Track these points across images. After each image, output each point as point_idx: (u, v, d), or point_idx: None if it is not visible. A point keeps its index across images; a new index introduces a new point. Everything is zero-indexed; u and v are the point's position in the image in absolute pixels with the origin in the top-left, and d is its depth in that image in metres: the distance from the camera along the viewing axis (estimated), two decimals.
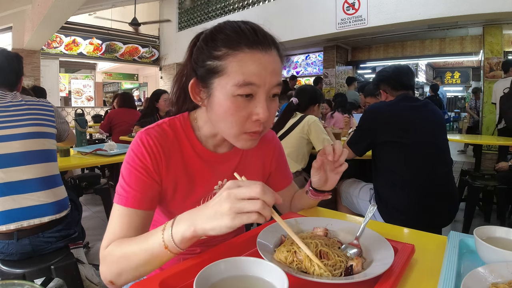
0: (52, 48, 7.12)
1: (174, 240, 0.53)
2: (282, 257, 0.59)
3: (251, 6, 6.14)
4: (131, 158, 0.67)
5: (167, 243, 0.54)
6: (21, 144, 1.24)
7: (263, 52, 0.61)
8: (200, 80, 0.66)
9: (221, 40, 0.62)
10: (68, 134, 1.60)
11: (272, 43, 0.64)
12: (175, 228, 0.54)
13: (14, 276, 1.20)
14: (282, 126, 2.15)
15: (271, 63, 0.62)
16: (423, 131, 1.57)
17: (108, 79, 11.80)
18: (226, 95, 0.61)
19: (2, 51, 1.43)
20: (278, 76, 0.64)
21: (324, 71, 7.66)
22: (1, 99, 1.30)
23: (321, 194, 0.83)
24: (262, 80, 0.61)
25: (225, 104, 0.62)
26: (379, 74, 1.84)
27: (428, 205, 1.53)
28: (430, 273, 0.60)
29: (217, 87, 0.62)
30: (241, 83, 0.60)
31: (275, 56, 0.64)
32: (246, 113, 0.62)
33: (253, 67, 0.60)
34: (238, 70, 0.60)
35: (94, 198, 3.33)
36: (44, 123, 1.34)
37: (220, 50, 0.61)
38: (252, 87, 0.60)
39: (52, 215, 1.28)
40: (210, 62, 0.63)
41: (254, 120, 0.63)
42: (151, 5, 8.65)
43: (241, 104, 0.61)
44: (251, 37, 0.61)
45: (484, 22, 5.22)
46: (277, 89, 0.64)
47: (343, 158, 0.73)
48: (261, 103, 0.62)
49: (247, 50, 0.60)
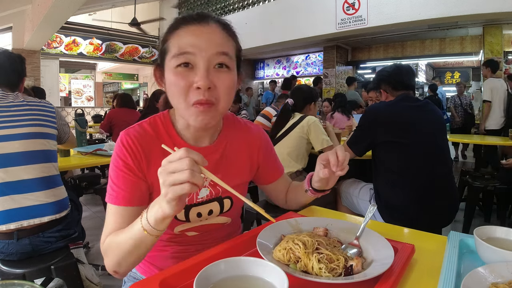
0: (52, 48, 7.12)
1: (150, 223, 0.57)
2: (280, 255, 0.59)
3: (251, 6, 6.14)
4: (115, 159, 0.72)
5: (145, 227, 0.58)
6: (22, 144, 1.24)
7: (198, 25, 0.66)
8: (159, 65, 0.72)
9: (168, 28, 0.70)
10: (68, 137, 1.60)
11: (210, 18, 0.69)
12: (149, 213, 0.58)
13: (14, 276, 1.20)
14: (282, 127, 2.16)
15: (207, 33, 0.66)
16: (423, 131, 1.56)
17: (108, 79, 11.81)
18: (169, 69, 0.66)
19: (4, 52, 1.43)
20: (219, 45, 0.66)
21: (324, 71, 7.66)
22: (3, 99, 1.31)
23: (321, 193, 0.83)
24: (197, 48, 0.64)
25: (169, 77, 0.66)
26: (380, 74, 1.84)
27: (428, 205, 1.53)
28: (430, 273, 0.60)
29: (166, 66, 0.68)
30: (177, 53, 0.64)
31: (214, 27, 0.67)
32: (187, 82, 0.64)
33: (187, 38, 0.65)
34: (175, 44, 0.66)
35: (94, 198, 3.33)
36: (45, 123, 1.35)
37: (166, 35, 0.69)
38: (187, 56, 0.64)
39: (52, 215, 1.28)
40: (161, 47, 0.70)
41: (195, 89, 0.64)
42: (151, 5, 8.65)
43: (181, 74, 0.65)
44: (187, 17, 0.68)
45: (484, 22, 5.23)
46: (222, 58, 0.66)
47: (346, 162, 0.72)
48: (199, 70, 0.64)
49: (183, 27, 0.67)
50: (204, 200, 0.78)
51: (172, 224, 0.76)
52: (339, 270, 0.56)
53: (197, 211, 0.77)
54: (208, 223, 0.81)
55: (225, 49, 0.67)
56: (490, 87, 4.10)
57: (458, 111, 5.41)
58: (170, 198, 0.52)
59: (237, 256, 0.54)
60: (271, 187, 0.95)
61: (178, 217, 0.76)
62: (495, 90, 4.11)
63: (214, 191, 0.78)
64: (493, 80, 4.15)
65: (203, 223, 0.80)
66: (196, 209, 0.77)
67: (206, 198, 0.78)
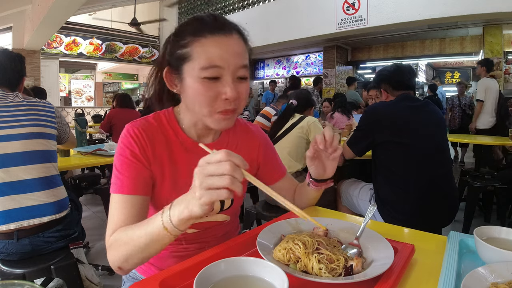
0: (52, 48, 7.12)
1: (173, 222, 0.55)
2: (280, 255, 0.59)
3: (251, 6, 6.14)
4: (121, 149, 0.72)
5: (166, 225, 0.56)
6: (22, 144, 1.25)
7: (224, 36, 0.66)
8: (173, 68, 0.71)
9: (186, 30, 0.69)
10: (68, 137, 1.61)
11: (233, 27, 0.69)
12: (172, 211, 0.56)
13: (14, 276, 1.20)
14: (281, 127, 2.17)
15: (232, 46, 0.67)
16: (423, 131, 1.56)
17: (108, 79, 11.80)
18: (195, 78, 0.66)
19: (4, 51, 1.43)
20: (242, 58, 0.68)
21: (324, 71, 7.67)
22: (2, 99, 1.31)
23: (323, 183, 0.82)
24: (225, 62, 0.65)
25: (195, 86, 0.66)
26: (380, 73, 1.84)
27: (428, 205, 1.52)
28: (430, 273, 0.60)
29: (187, 72, 0.68)
30: (206, 66, 0.65)
31: (237, 39, 0.69)
32: (214, 92, 0.66)
33: (215, 50, 0.65)
34: (202, 54, 0.65)
35: (94, 198, 3.33)
36: (44, 123, 1.35)
37: (186, 39, 0.67)
38: (217, 70, 0.65)
39: (52, 215, 1.28)
40: (179, 51, 0.68)
41: (223, 99, 0.67)
42: (151, 5, 8.65)
43: (209, 85, 0.66)
44: (211, 24, 0.67)
45: (484, 22, 5.23)
46: (243, 71, 0.68)
47: (336, 142, 0.73)
48: (227, 82, 0.66)
49: (209, 36, 0.66)
50: None
51: None
52: (339, 270, 0.56)
53: None
54: (208, 220, 0.81)
55: (246, 61, 0.70)
56: (484, 87, 4.12)
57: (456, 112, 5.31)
58: (204, 202, 0.50)
59: (237, 256, 0.54)
60: (274, 188, 0.95)
61: None
62: (488, 90, 4.13)
63: None
64: (488, 80, 4.17)
65: (203, 220, 0.80)
66: None
67: None
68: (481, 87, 4.12)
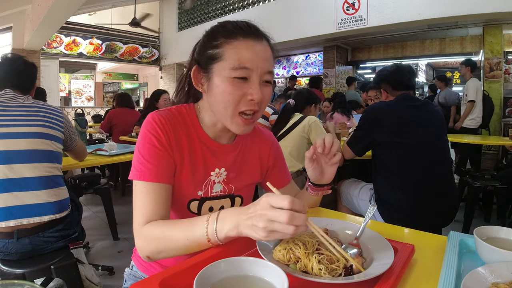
0: (52, 48, 7.12)
1: (218, 236, 0.58)
2: (280, 255, 0.59)
3: (251, 6, 6.14)
4: (145, 136, 0.73)
5: (210, 237, 0.59)
6: (27, 142, 1.27)
7: (256, 41, 0.70)
8: (201, 67, 0.73)
9: (219, 32, 0.72)
10: (76, 145, 1.63)
11: (263, 35, 0.73)
12: (220, 224, 0.59)
13: (14, 276, 1.21)
14: (283, 126, 2.17)
15: (263, 51, 0.71)
16: (423, 131, 1.56)
17: (108, 79, 11.80)
18: (224, 77, 0.69)
19: (20, 58, 1.49)
20: (270, 63, 0.72)
21: (324, 71, 7.66)
22: (14, 99, 1.35)
23: (321, 189, 0.83)
24: (255, 65, 0.68)
25: (223, 85, 0.69)
26: (380, 73, 1.84)
27: (428, 205, 1.53)
28: (430, 273, 0.60)
29: (216, 72, 0.70)
30: (236, 66, 0.68)
31: (266, 46, 0.72)
32: (241, 92, 0.69)
33: (247, 53, 0.68)
34: (234, 55, 0.68)
35: (94, 198, 3.33)
36: (52, 125, 1.38)
37: (219, 40, 0.71)
38: (246, 71, 0.68)
39: (52, 214, 1.28)
40: (210, 51, 0.71)
41: (248, 100, 0.69)
42: (151, 5, 8.64)
43: (237, 85, 0.68)
44: (245, 29, 0.71)
45: (484, 22, 5.22)
46: (269, 76, 0.72)
47: (335, 148, 0.74)
48: (254, 84, 0.69)
49: (242, 39, 0.69)
50: (218, 195, 0.81)
51: (183, 216, 0.78)
52: (339, 271, 0.56)
53: (210, 205, 0.80)
54: None
55: (272, 68, 0.73)
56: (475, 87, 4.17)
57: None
58: (263, 236, 0.53)
59: (237, 256, 0.54)
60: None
61: (191, 208, 0.79)
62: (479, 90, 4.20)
63: (227, 187, 0.82)
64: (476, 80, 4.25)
65: None
66: (210, 203, 0.80)
67: (220, 194, 0.81)
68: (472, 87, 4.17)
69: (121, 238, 2.50)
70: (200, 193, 0.78)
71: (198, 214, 0.79)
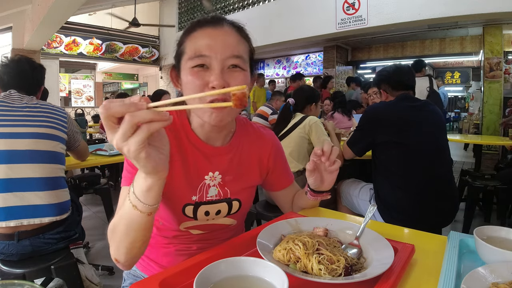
0: (52, 48, 7.12)
1: (138, 197, 0.53)
2: (280, 255, 0.59)
3: (251, 6, 6.14)
4: None
5: (134, 203, 0.54)
6: (30, 142, 1.27)
7: (213, 28, 0.69)
8: (175, 68, 0.75)
9: (184, 31, 0.73)
10: (79, 145, 1.63)
11: (224, 21, 0.71)
12: (134, 186, 0.54)
13: (14, 276, 1.21)
14: (284, 126, 2.16)
15: (221, 35, 0.68)
16: (423, 131, 1.56)
17: (108, 79, 11.80)
18: (186, 70, 0.68)
19: (28, 60, 1.49)
20: (233, 48, 0.68)
21: (324, 71, 7.66)
22: (18, 101, 1.35)
23: (320, 195, 0.83)
24: (213, 51, 0.66)
25: (186, 78, 0.68)
26: (380, 74, 1.84)
27: (428, 205, 1.53)
28: (430, 273, 0.60)
29: (182, 67, 0.70)
30: (193, 55, 0.67)
31: (228, 30, 0.70)
32: (203, 81, 0.66)
33: (203, 40, 0.67)
34: (191, 46, 0.68)
35: (94, 198, 3.33)
36: (55, 126, 1.38)
37: (182, 37, 0.72)
38: (203, 58, 0.67)
39: (52, 216, 1.28)
40: (177, 50, 0.73)
41: (211, 88, 0.66)
42: (151, 5, 8.64)
43: (196, 74, 0.67)
44: (203, 20, 0.71)
45: (484, 22, 5.22)
46: (235, 60, 0.68)
47: (334, 156, 0.74)
48: (215, 71, 0.66)
49: (199, 29, 0.69)
50: (213, 200, 0.78)
51: (179, 219, 0.77)
52: (339, 271, 0.56)
53: (205, 209, 0.78)
54: (214, 223, 0.81)
55: (239, 52, 0.69)
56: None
57: None
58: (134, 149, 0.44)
59: (237, 256, 0.54)
60: (279, 194, 0.96)
61: (186, 213, 0.77)
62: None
63: (222, 191, 0.79)
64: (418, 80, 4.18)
65: (209, 222, 0.80)
66: (205, 207, 0.78)
67: (215, 198, 0.79)
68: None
69: None
70: (194, 198, 0.76)
71: (194, 219, 0.78)
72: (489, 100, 5.14)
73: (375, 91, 2.78)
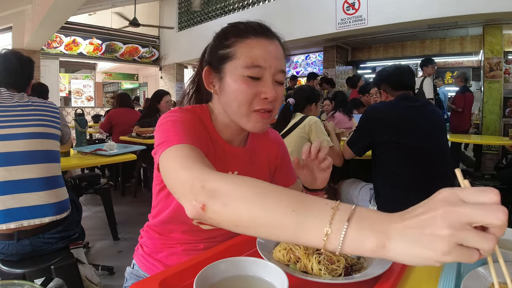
0: (52, 48, 7.12)
1: (344, 247, 0.37)
2: (280, 255, 0.59)
3: (251, 6, 6.15)
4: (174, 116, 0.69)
5: (328, 246, 0.37)
6: (25, 143, 1.25)
7: (268, 40, 0.70)
8: (213, 68, 0.73)
9: (230, 32, 0.72)
10: (68, 138, 1.62)
11: (275, 34, 0.74)
12: (355, 232, 0.37)
13: (14, 276, 1.20)
14: (284, 126, 2.15)
15: (275, 50, 0.71)
16: (423, 131, 1.57)
17: (108, 79, 11.80)
18: (237, 76, 0.68)
19: (15, 54, 1.44)
20: (282, 62, 0.71)
21: (324, 71, 7.66)
22: (9, 99, 1.32)
23: (315, 194, 0.83)
24: (268, 63, 0.68)
25: (236, 84, 0.68)
26: (380, 74, 1.84)
27: None
28: (430, 273, 0.60)
29: (228, 71, 0.69)
30: (249, 65, 0.67)
31: (278, 45, 0.73)
32: (255, 91, 0.68)
33: (259, 51, 0.68)
34: (247, 54, 0.68)
35: (94, 198, 3.33)
36: (49, 124, 1.35)
37: (230, 39, 0.70)
38: (259, 70, 0.68)
39: (52, 216, 1.28)
40: (221, 51, 0.71)
41: (262, 98, 0.68)
42: (151, 5, 8.65)
43: (250, 84, 0.68)
44: (256, 28, 0.71)
45: (484, 22, 5.22)
46: (281, 76, 0.71)
47: (322, 154, 0.74)
48: (267, 83, 0.68)
49: (254, 38, 0.69)
50: None
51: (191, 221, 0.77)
52: (339, 271, 0.56)
53: None
54: None
55: (284, 67, 0.72)
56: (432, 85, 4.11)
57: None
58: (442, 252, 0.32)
59: (237, 256, 0.54)
60: None
61: None
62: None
63: None
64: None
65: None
66: None
67: None
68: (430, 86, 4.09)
69: (121, 238, 2.50)
70: None
71: None
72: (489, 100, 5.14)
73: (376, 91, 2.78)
